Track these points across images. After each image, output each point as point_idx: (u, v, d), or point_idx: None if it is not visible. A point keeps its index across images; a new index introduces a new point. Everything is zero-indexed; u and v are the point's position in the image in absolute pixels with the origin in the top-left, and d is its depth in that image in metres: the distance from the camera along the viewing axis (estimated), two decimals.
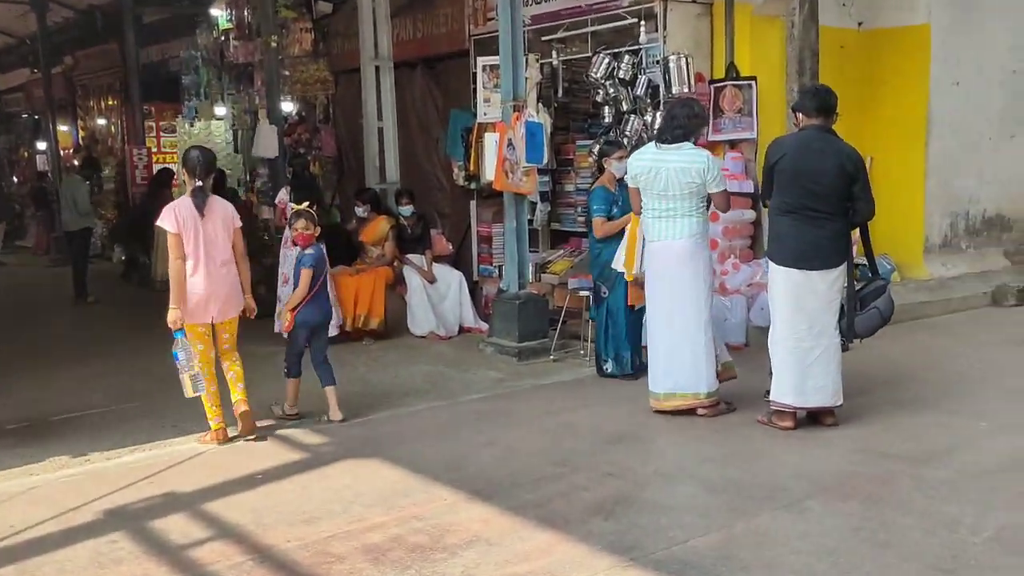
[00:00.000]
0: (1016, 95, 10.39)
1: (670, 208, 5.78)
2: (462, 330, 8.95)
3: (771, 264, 5.51)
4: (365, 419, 6.07)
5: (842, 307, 5.49)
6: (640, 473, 4.83)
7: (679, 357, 5.79)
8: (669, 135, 5.80)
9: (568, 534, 4.07)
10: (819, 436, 5.35)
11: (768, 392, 5.65)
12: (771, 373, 5.60)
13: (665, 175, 5.73)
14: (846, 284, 5.48)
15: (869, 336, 5.63)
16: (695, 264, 5.79)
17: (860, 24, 9.65)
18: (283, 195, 8.70)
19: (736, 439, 5.34)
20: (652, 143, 5.96)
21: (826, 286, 5.40)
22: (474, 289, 9.57)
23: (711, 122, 8.20)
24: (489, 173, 8.24)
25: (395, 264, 8.96)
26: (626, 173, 6.11)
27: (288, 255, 8.41)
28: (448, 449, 5.36)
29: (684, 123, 5.79)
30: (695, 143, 5.86)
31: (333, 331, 8.38)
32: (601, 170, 7.07)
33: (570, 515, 4.28)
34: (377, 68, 10.21)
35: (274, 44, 10.67)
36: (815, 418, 5.52)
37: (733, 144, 8.53)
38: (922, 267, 9.69)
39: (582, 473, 4.84)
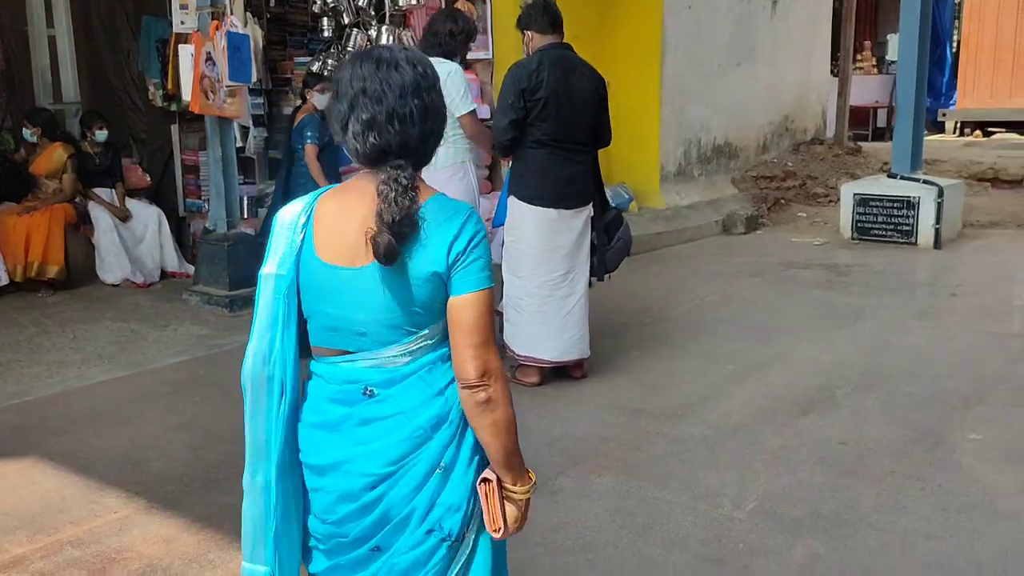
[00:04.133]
0: (741, 22, 10.43)
1: None
2: (164, 275, 7.72)
3: (519, 205, 4.81)
4: (23, 400, 4.86)
5: (591, 244, 5.00)
6: None
7: None
8: (424, 45, 4.98)
9: None
10: (568, 393, 4.84)
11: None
12: (501, 324, 5.02)
13: None
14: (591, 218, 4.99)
15: (615, 269, 5.20)
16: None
17: None
18: None
19: None
20: None
21: (581, 224, 4.87)
22: (181, 226, 8.32)
23: None
24: (186, 93, 6.99)
25: (77, 200, 7.52)
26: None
27: None
28: (128, 437, 4.33)
29: (444, 40, 4.98)
30: (458, 62, 5.06)
31: (2, 280, 6.97)
32: (304, 99, 6.25)
33: None
34: None
35: None
36: (561, 371, 5.01)
37: (467, 65, 7.80)
38: (658, 196, 9.55)
39: None
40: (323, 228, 1.79)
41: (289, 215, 1.83)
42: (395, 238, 1.69)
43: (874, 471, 3.77)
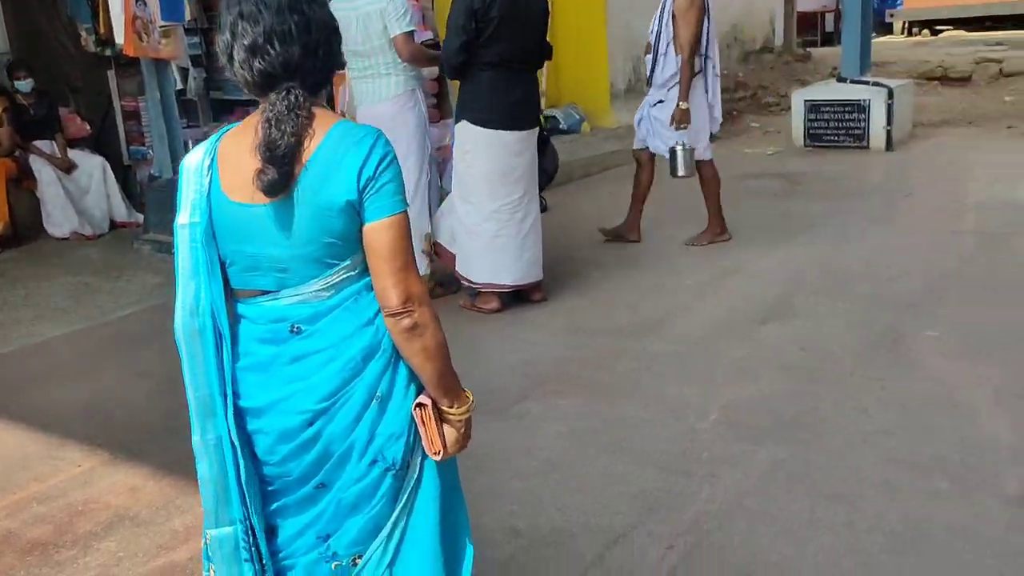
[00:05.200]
0: None
1: (369, 66, 4.88)
2: (114, 226, 7.57)
3: (472, 129, 4.71)
4: None
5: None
6: None
7: None
8: None
9: None
10: (528, 317, 4.84)
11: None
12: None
13: (355, 25, 4.78)
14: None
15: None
16: (398, 131, 4.94)
17: None
18: None
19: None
20: None
21: (532, 145, 4.83)
22: (127, 175, 8.13)
23: None
24: (119, 36, 6.76)
25: (17, 154, 7.31)
26: None
27: None
28: (88, 390, 4.28)
29: None
30: None
31: None
32: None
33: None
34: None
35: None
36: (521, 295, 5.00)
37: None
38: (610, 114, 9.48)
39: None
40: (227, 167, 1.73)
41: (194, 160, 1.77)
42: (277, 171, 1.63)
43: (834, 375, 3.83)
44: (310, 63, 1.70)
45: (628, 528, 2.83)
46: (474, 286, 4.90)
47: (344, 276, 1.74)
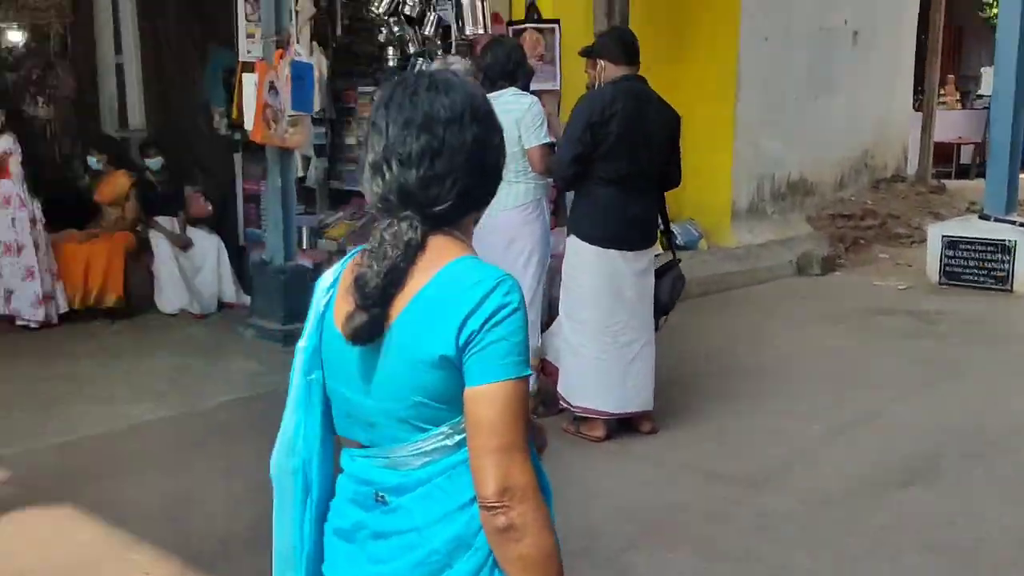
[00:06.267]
0: (822, 54, 10.00)
1: None
2: (222, 306, 7.55)
3: (580, 245, 4.48)
4: (66, 439, 4.64)
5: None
6: None
7: None
8: (488, 80, 4.72)
9: None
10: (636, 450, 4.47)
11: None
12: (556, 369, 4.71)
13: None
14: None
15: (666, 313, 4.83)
16: (522, 240, 4.75)
17: None
18: (7, 143, 6.83)
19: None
20: None
21: (645, 267, 4.56)
22: (240, 256, 8.18)
23: None
24: (248, 123, 6.84)
25: (139, 228, 7.42)
26: None
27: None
28: (171, 486, 4.08)
29: (504, 63, 4.74)
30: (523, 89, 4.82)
31: (63, 307, 6.86)
32: None
33: None
34: None
35: None
36: (628, 423, 4.65)
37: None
38: (729, 234, 9.15)
39: None
40: (343, 291, 1.46)
41: (325, 276, 1.53)
42: (367, 314, 1.36)
43: (994, 560, 3.33)
44: (434, 192, 1.41)
45: None
46: (572, 409, 4.59)
47: (437, 445, 1.42)
